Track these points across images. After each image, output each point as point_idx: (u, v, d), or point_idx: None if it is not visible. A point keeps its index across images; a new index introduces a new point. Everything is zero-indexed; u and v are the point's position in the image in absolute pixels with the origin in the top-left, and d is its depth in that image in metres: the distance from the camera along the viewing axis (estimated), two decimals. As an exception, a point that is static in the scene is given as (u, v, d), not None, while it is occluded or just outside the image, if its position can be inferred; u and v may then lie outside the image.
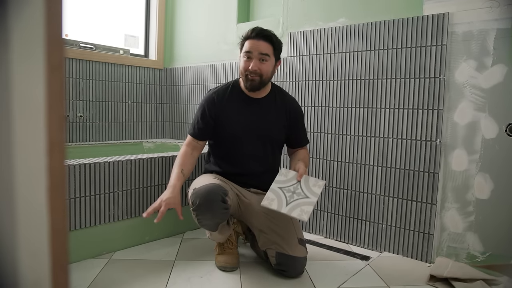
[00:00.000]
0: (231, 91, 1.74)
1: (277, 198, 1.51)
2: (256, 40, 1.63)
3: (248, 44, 1.64)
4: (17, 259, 0.39)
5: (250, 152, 1.71)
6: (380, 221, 1.92)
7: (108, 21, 2.86)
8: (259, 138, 1.71)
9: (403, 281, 1.57)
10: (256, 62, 1.62)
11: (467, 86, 1.64)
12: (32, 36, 0.38)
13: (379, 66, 1.89)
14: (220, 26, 2.69)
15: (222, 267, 1.66)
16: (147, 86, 2.97)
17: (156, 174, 1.98)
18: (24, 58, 0.38)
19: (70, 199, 1.63)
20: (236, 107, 1.71)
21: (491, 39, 1.57)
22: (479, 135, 1.62)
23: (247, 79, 1.65)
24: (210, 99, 1.72)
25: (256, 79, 1.64)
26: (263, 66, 1.63)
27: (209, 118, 1.70)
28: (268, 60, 1.64)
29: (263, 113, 1.72)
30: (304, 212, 1.45)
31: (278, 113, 1.75)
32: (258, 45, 1.62)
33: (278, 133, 1.76)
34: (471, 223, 1.65)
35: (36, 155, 0.38)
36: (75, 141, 2.55)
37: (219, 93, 1.73)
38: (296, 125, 1.80)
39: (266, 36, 1.64)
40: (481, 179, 1.62)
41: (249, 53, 1.63)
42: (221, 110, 1.70)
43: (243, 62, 1.66)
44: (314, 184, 1.55)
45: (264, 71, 1.64)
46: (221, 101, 1.71)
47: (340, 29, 2.02)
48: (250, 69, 1.62)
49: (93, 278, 1.53)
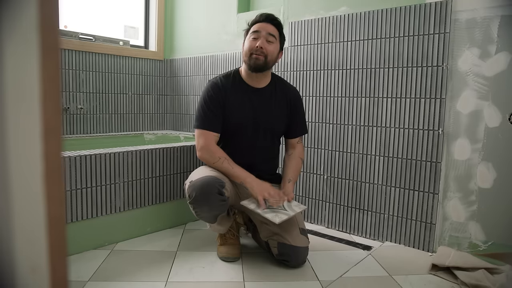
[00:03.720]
0: (233, 81, 1.70)
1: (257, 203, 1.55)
2: (264, 23, 1.64)
3: (255, 27, 1.65)
4: (14, 247, 0.38)
5: (251, 143, 1.70)
6: (382, 211, 1.91)
7: (108, 12, 2.84)
8: (260, 129, 1.70)
9: (405, 271, 1.57)
10: (263, 41, 1.61)
11: (470, 74, 1.63)
12: (25, 18, 0.37)
13: (381, 55, 1.87)
14: (220, 16, 2.66)
15: (224, 258, 1.66)
16: (148, 78, 2.95)
17: (157, 166, 1.97)
18: (17, 42, 0.37)
19: (72, 190, 1.63)
20: (238, 98, 1.68)
21: (495, 26, 1.54)
22: (482, 124, 1.61)
23: (251, 58, 1.62)
24: (215, 88, 1.67)
25: (261, 58, 1.61)
26: (270, 47, 1.62)
27: (219, 108, 1.65)
28: (274, 42, 1.64)
29: (265, 104, 1.71)
30: (278, 217, 1.48)
31: (280, 102, 1.73)
32: (265, 26, 1.63)
33: (280, 124, 1.75)
34: (474, 213, 1.65)
35: (32, 141, 0.37)
36: (76, 133, 2.54)
37: (222, 82, 1.68)
38: (295, 114, 1.77)
39: (273, 20, 1.66)
40: (483, 168, 1.61)
41: (257, 33, 1.63)
42: (226, 100, 1.66)
43: (249, 42, 1.64)
44: (296, 205, 1.60)
45: (270, 52, 1.62)
46: (226, 91, 1.67)
47: (342, 18, 1.99)
48: (257, 46, 1.60)
49: (96, 269, 1.53)
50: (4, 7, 0.36)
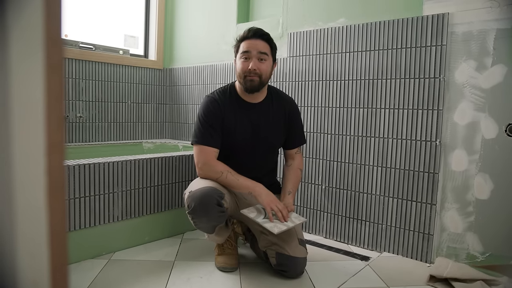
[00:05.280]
0: (229, 97, 1.67)
1: (257, 212, 1.56)
2: (253, 40, 1.59)
3: (245, 45, 1.60)
4: (16, 259, 0.38)
5: (250, 158, 1.68)
6: (380, 221, 1.92)
7: (108, 21, 2.86)
8: (259, 144, 1.68)
9: (403, 282, 1.57)
10: (255, 62, 1.57)
11: (467, 86, 1.64)
12: (31, 36, 0.38)
13: (379, 66, 1.89)
14: (219, 26, 2.69)
15: (221, 268, 1.65)
16: (147, 87, 2.97)
17: (156, 175, 1.97)
18: (23, 58, 0.38)
19: (70, 199, 1.63)
20: (236, 115, 1.65)
21: (491, 39, 1.57)
22: (479, 135, 1.62)
23: (245, 80, 1.59)
24: (214, 103, 1.63)
25: (256, 80, 1.58)
26: (262, 65, 1.59)
27: (219, 123, 1.62)
28: (266, 59, 1.60)
29: (263, 119, 1.68)
30: (277, 227, 1.47)
31: (277, 116, 1.71)
32: (256, 44, 1.58)
33: (278, 137, 1.74)
34: (471, 224, 1.65)
35: (35, 156, 0.38)
36: (74, 142, 2.54)
37: (220, 99, 1.65)
38: (293, 125, 1.76)
39: (263, 35, 1.61)
40: (481, 180, 1.62)
41: (247, 53, 1.58)
42: (225, 116, 1.64)
43: (241, 63, 1.60)
44: (296, 217, 1.60)
45: (264, 71, 1.59)
46: (224, 106, 1.64)
47: (340, 29, 2.02)
48: (250, 69, 1.57)
49: (93, 278, 1.52)
50: (11, 25, 0.37)
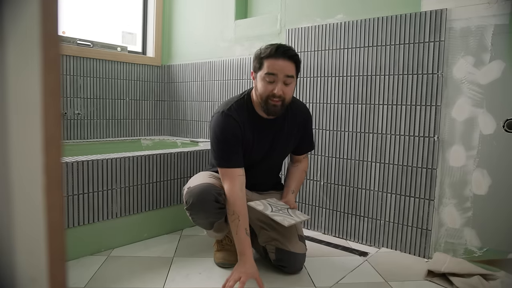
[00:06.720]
0: (247, 115, 1.54)
1: (264, 206, 1.56)
2: (281, 61, 1.43)
3: (271, 65, 1.43)
4: (14, 256, 0.39)
5: (261, 168, 1.67)
6: (378, 217, 1.92)
7: (106, 18, 2.85)
8: (272, 157, 1.66)
9: (401, 277, 1.58)
10: (281, 86, 1.43)
11: (465, 82, 1.64)
12: (28, 32, 0.38)
13: (377, 62, 1.89)
14: (218, 23, 2.68)
15: (220, 264, 1.66)
16: (145, 83, 2.96)
17: (155, 171, 1.98)
18: (19, 55, 0.38)
19: (69, 196, 1.63)
20: (253, 133, 1.56)
21: (489, 35, 1.57)
22: (477, 131, 1.62)
23: (268, 104, 1.46)
24: (233, 121, 1.50)
25: (279, 105, 1.46)
26: (288, 89, 1.46)
27: (239, 142, 1.51)
28: (292, 82, 1.47)
29: (279, 135, 1.61)
30: (286, 220, 1.48)
31: (291, 127, 1.64)
32: (283, 67, 1.42)
33: (290, 148, 1.71)
34: (469, 219, 1.66)
35: (33, 152, 0.38)
36: (73, 139, 2.54)
37: (238, 116, 1.52)
38: (304, 133, 1.71)
39: (291, 56, 1.45)
40: (478, 175, 1.63)
41: (272, 76, 1.43)
42: (244, 136, 1.53)
43: (264, 85, 1.45)
44: (300, 214, 1.62)
45: (288, 95, 1.47)
46: (243, 125, 1.52)
47: (338, 25, 2.01)
48: (276, 93, 1.43)
49: (92, 275, 1.53)
50: (8, 22, 0.37)
